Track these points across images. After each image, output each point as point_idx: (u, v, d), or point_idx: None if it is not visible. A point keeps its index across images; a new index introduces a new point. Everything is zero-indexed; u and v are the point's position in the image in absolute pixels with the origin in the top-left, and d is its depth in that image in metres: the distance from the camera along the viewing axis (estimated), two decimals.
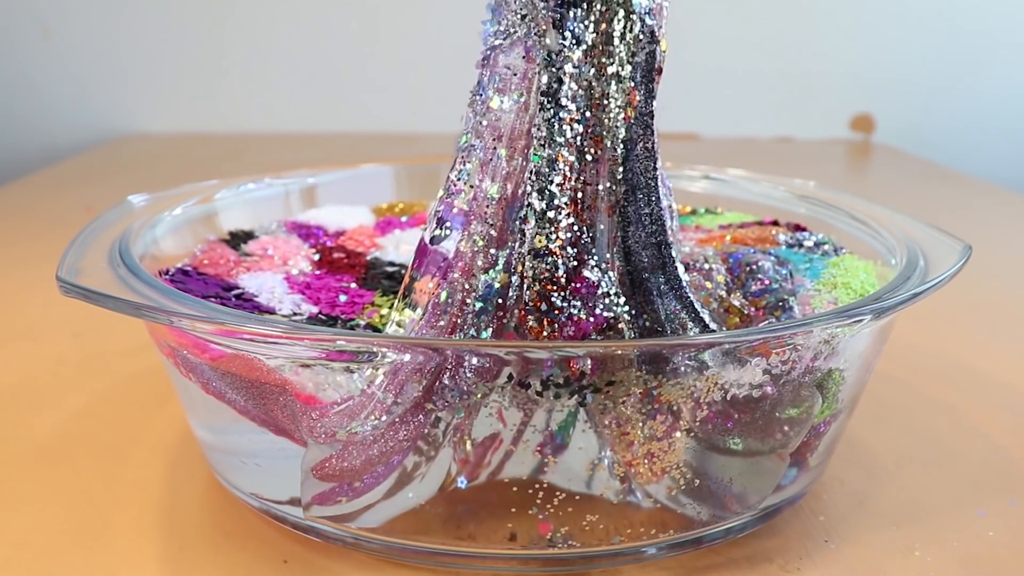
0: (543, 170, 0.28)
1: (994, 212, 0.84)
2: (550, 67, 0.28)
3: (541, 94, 0.28)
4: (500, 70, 0.28)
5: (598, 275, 0.28)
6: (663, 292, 0.29)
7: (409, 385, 0.26)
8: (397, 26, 1.12)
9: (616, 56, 0.28)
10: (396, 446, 0.27)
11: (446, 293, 0.28)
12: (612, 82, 0.29)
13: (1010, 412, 0.42)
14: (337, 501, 0.29)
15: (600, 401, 0.26)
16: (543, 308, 0.27)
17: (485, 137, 0.28)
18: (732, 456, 0.29)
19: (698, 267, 0.34)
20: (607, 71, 0.28)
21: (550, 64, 0.28)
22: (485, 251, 0.28)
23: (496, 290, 0.28)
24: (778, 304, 0.33)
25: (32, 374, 0.45)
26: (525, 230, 0.28)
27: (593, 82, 0.28)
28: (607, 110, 0.29)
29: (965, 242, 0.35)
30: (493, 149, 0.28)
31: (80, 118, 1.13)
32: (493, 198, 0.28)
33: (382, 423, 0.27)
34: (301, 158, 0.97)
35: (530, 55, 0.28)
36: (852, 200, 0.43)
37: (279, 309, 0.34)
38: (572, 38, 0.28)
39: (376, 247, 0.43)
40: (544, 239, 0.28)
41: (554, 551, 0.28)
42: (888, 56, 1.13)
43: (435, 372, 0.26)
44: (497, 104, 0.28)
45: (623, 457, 0.28)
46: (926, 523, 0.33)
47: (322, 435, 0.27)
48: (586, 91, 0.28)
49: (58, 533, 0.32)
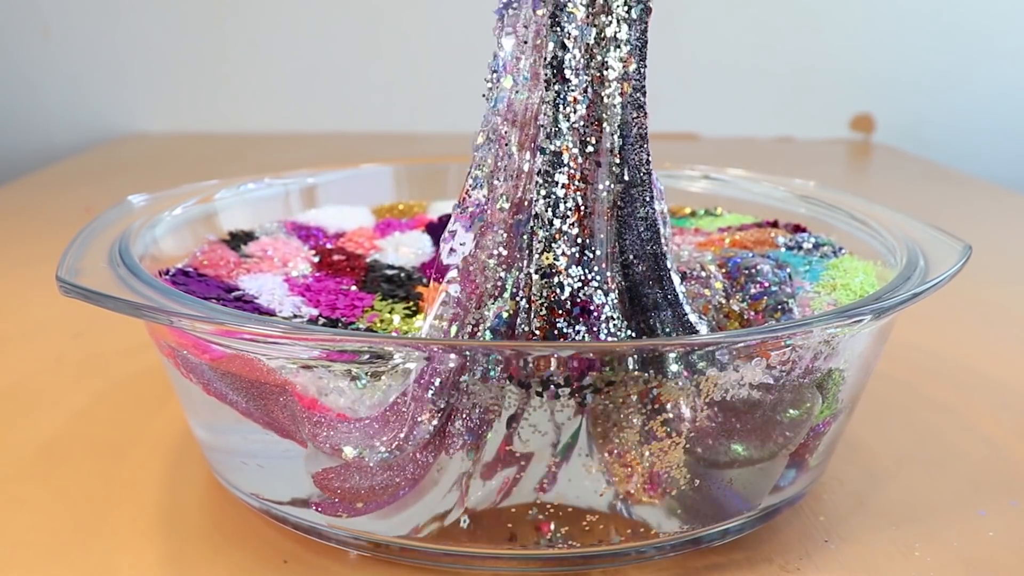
0: (549, 169, 0.28)
1: (994, 212, 0.84)
2: (555, 27, 0.28)
3: (546, 66, 0.28)
4: (509, 43, 0.28)
5: (601, 298, 0.28)
6: (660, 306, 0.29)
7: (420, 427, 0.26)
8: (398, 26, 1.12)
9: (615, 14, 0.28)
10: (403, 481, 0.27)
11: (456, 327, 0.28)
12: (610, 48, 0.28)
13: (1010, 412, 0.42)
14: (338, 515, 0.29)
15: (602, 427, 0.27)
16: (549, 337, 0.27)
17: (499, 127, 0.28)
18: (734, 467, 0.29)
19: (695, 275, 0.34)
20: (606, 33, 0.28)
21: (555, 24, 0.28)
22: (495, 275, 0.28)
23: (505, 320, 0.28)
24: (778, 307, 0.33)
25: (32, 374, 0.45)
26: (533, 244, 0.28)
27: (594, 49, 0.28)
28: (606, 83, 0.28)
29: (965, 242, 0.35)
30: (507, 144, 0.28)
31: (79, 118, 1.12)
32: (504, 208, 0.28)
33: (390, 456, 0.27)
34: (301, 158, 0.97)
35: (537, 13, 0.28)
36: (852, 200, 0.43)
37: (280, 311, 0.34)
38: None
39: (376, 249, 0.43)
40: (551, 256, 0.28)
41: (554, 551, 0.28)
42: (888, 56, 1.13)
43: (446, 412, 0.26)
44: (509, 83, 0.28)
45: (624, 488, 0.28)
46: (926, 523, 0.33)
47: (326, 445, 0.27)
48: (587, 60, 0.28)
49: (58, 533, 0.32)
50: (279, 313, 0.34)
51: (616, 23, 0.28)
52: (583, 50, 0.28)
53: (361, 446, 0.27)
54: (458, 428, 0.27)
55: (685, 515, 0.29)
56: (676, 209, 0.50)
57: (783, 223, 0.45)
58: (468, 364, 0.26)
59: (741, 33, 1.13)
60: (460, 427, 0.27)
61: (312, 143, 1.07)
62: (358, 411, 0.27)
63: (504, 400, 0.26)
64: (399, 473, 0.27)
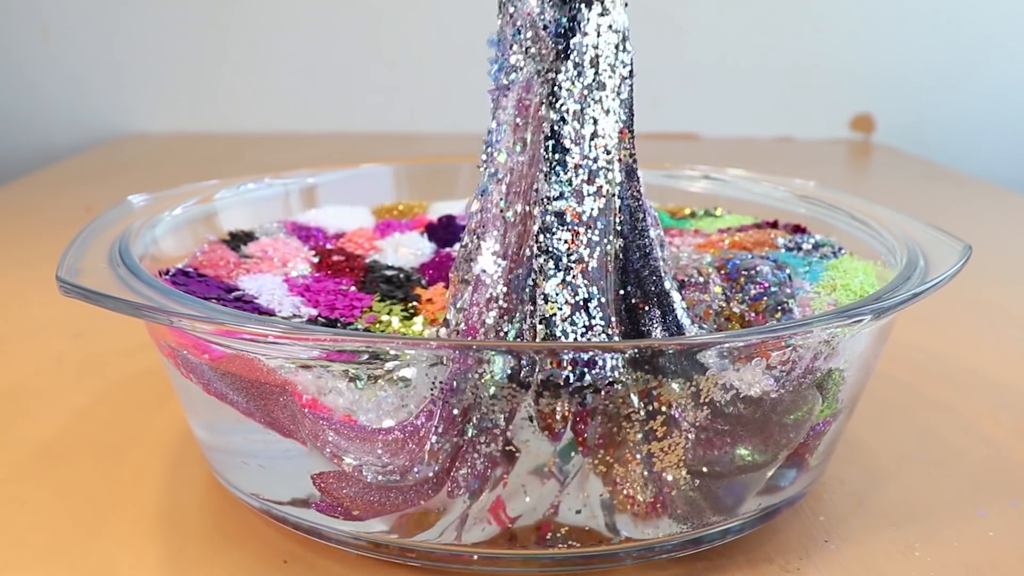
0: (552, 228, 0.28)
1: (994, 212, 0.84)
2: (553, 104, 0.28)
3: (546, 139, 0.28)
4: (507, 116, 0.28)
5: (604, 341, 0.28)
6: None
7: (422, 466, 0.27)
8: (397, 26, 1.12)
9: (609, 88, 0.29)
10: (401, 503, 0.28)
11: (457, 382, 0.28)
12: (605, 117, 0.29)
13: (1010, 412, 0.42)
14: (335, 516, 0.29)
15: (601, 461, 0.27)
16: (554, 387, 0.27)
17: (493, 196, 0.29)
18: (735, 470, 0.29)
19: (693, 281, 0.35)
20: (603, 106, 0.29)
21: (555, 101, 0.28)
22: (496, 327, 0.28)
23: (509, 373, 0.28)
24: (778, 307, 0.33)
25: (32, 374, 0.45)
26: (536, 296, 0.28)
27: (590, 120, 0.28)
28: (606, 151, 0.29)
29: (965, 242, 0.35)
30: (500, 211, 0.28)
31: (79, 118, 1.12)
32: (500, 264, 0.28)
33: (388, 480, 0.27)
34: (301, 158, 0.97)
35: (534, 91, 0.28)
36: (852, 200, 0.43)
37: (279, 311, 0.34)
38: (575, 69, 0.28)
39: (375, 250, 0.43)
40: (554, 306, 0.28)
41: (554, 551, 0.28)
42: (888, 56, 1.13)
43: (452, 455, 0.26)
44: (504, 158, 0.28)
45: (626, 510, 0.28)
46: (926, 523, 0.33)
47: (326, 450, 0.27)
48: (585, 130, 0.28)
49: (58, 533, 0.32)
50: (278, 313, 0.34)
51: (608, 96, 0.29)
52: (580, 122, 0.28)
53: (362, 461, 0.27)
54: (463, 475, 0.27)
55: (684, 518, 0.29)
56: (676, 210, 0.50)
57: (783, 224, 0.45)
58: (476, 403, 0.26)
59: (741, 33, 1.13)
60: (465, 474, 0.27)
61: (312, 143, 1.07)
62: (356, 413, 0.27)
63: (510, 448, 0.26)
64: (398, 496, 0.27)
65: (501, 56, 0.29)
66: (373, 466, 0.27)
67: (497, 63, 0.29)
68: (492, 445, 0.26)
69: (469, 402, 0.26)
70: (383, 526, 0.29)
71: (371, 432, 0.27)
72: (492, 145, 0.29)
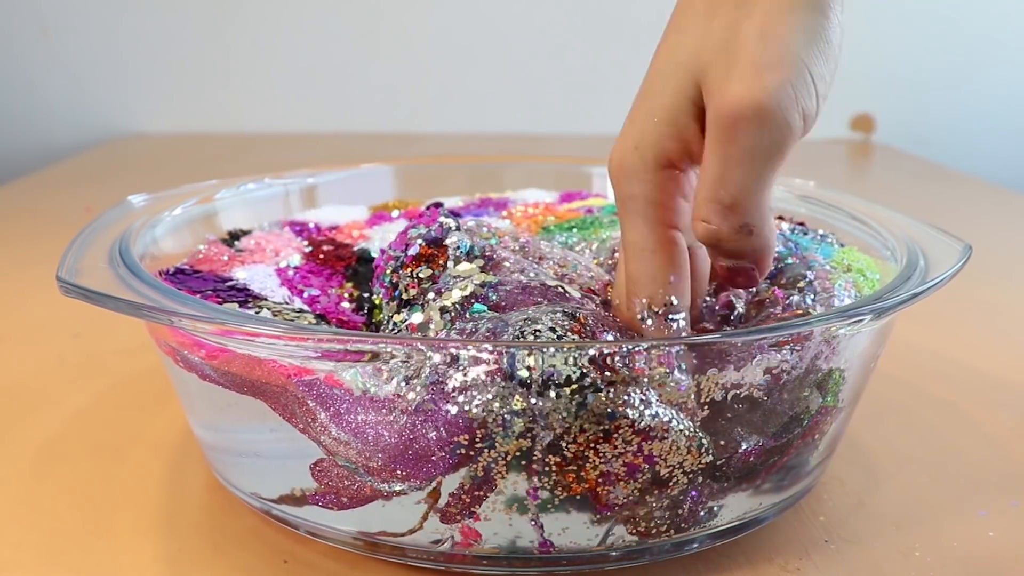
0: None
1: (994, 212, 0.84)
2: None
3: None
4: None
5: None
6: None
7: (413, 491, 0.27)
8: (398, 26, 1.12)
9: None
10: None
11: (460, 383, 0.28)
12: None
13: (1010, 412, 0.42)
14: (327, 508, 0.29)
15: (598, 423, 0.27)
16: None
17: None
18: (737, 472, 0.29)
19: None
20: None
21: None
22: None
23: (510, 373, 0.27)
24: (797, 279, 0.33)
25: (32, 374, 0.45)
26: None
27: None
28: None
29: (965, 242, 0.35)
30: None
31: (80, 118, 1.12)
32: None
33: (381, 487, 0.27)
34: (301, 158, 0.97)
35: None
36: (852, 200, 0.43)
37: (271, 297, 0.35)
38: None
39: (364, 239, 0.43)
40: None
41: (554, 551, 0.28)
42: (888, 56, 1.13)
43: (452, 455, 0.27)
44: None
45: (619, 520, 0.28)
46: (926, 523, 0.33)
47: (330, 437, 0.27)
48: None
49: (58, 533, 0.32)
50: (271, 297, 0.34)
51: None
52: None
53: (356, 465, 0.27)
54: (454, 504, 0.27)
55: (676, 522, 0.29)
56: None
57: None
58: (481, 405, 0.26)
59: None
60: (454, 504, 0.27)
61: (312, 143, 1.07)
62: (355, 414, 0.27)
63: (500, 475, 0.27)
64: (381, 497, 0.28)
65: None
66: (365, 467, 0.27)
67: None
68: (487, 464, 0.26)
69: (473, 404, 0.26)
70: (380, 523, 0.29)
71: (370, 421, 0.27)
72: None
